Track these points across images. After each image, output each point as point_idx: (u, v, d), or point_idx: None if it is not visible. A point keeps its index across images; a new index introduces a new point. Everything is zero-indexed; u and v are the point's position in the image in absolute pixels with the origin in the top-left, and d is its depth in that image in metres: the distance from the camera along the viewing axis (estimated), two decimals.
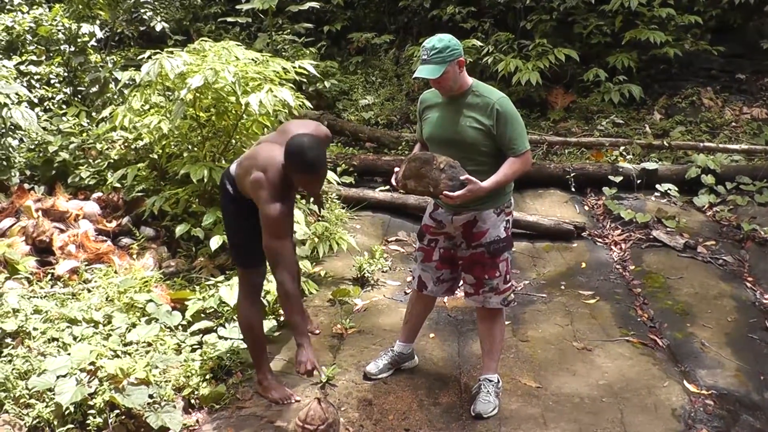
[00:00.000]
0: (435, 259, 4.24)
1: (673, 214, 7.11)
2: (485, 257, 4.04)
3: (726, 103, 9.64)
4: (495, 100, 3.85)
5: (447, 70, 3.77)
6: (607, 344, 4.96)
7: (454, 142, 3.92)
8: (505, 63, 9.48)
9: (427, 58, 3.78)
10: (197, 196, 6.07)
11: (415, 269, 4.43)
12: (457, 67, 3.82)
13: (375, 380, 4.44)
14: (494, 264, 4.05)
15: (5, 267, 5.32)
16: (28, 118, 6.38)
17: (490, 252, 4.02)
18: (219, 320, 4.96)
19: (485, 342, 4.28)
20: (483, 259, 4.05)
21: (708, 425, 4.02)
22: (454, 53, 3.78)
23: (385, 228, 7.13)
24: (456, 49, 3.80)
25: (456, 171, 3.76)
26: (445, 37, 3.81)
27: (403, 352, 4.57)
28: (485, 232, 4.01)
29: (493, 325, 4.22)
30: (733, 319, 5.31)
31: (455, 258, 4.22)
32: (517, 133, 3.85)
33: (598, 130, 9.17)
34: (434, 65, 3.76)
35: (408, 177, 3.89)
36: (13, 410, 3.86)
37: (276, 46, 10.16)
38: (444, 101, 3.99)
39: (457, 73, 3.84)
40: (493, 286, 4.08)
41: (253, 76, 5.62)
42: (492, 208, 4.00)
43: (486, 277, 4.07)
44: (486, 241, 4.01)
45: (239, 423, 4.01)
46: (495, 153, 3.91)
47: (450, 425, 4.03)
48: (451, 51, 3.77)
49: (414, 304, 4.53)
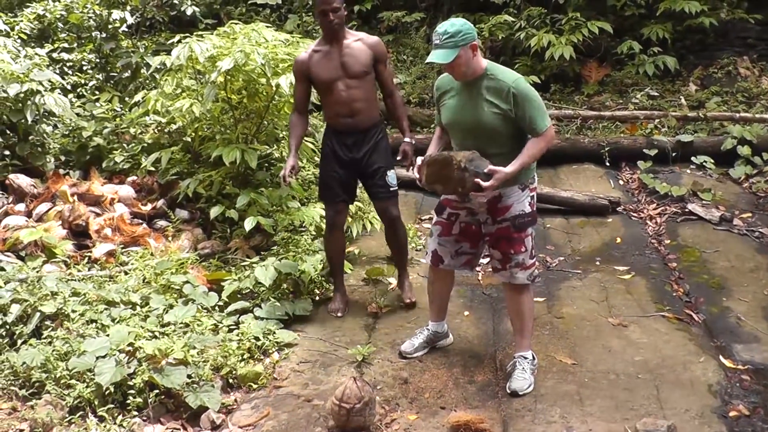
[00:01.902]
0: (455, 232, 4.22)
1: (708, 186, 7.02)
2: (511, 231, 4.01)
3: (763, 72, 9.42)
4: (510, 83, 3.78)
5: (459, 54, 3.70)
6: (643, 320, 4.92)
7: (474, 127, 3.89)
8: (538, 38, 9.36)
9: (440, 43, 3.71)
10: (231, 178, 6.11)
11: (430, 244, 4.39)
12: (471, 51, 3.75)
13: (410, 359, 4.47)
14: (520, 239, 4.02)
15: (43, 251, 5.41)
16: (62, 104, 6.46)
17: (516, 226, 3.99)
18: (255, 300, 5.01)
19: (515, 320, 4.26)
20: (509, 234, 4.01)
21: (744, 401, 3.97)
22: (467, 37, 3.71)
23: (418, 207, 7.13)
24: (469, 33, 3.72)
25: (477, 164, 3.75)
26: (458, 22, 3.74)
27: (438, 330, 4.57)
28: (510, 206, 3.99)
29: (521, 302, 4.18)
30: None
31: (477, 234, 4.20)
32: (536, 112, 3.80)
33: (632, 103, 9.03)
34: (446, 50, 3.70)
35: (433, 182, 3.91)
36: (55, 390, 3.93)
37: (306, 28, 10.14)
38: (459, 86, 3.94)
39: (470, 58, 3.77)
40: (518, 261, 4.04)
41: (283, 58, 5.62)
42: (516, 185, 3.97)
43: (512, 252, 4.02)
44: (511, 215, 3.99)
45: (277, 402, 4.05)
46: (516, 134, 3.89)
47: (486, 403, 4.03)
48: (463, 35, 3.70)
49: (433, 282, 4.53)
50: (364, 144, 4.89)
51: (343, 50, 4.72)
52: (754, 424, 3.76)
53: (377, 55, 4.78)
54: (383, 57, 4.85)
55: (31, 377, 4.04)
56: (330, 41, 4.74)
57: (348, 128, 4.85)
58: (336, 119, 4.87)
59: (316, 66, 4.76)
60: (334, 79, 4.72)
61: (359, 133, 4.87)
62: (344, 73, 4.72)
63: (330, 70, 4.69)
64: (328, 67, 4.71)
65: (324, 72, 4.72)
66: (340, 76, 4.72)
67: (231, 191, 6.01)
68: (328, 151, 4.99)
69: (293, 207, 5.98)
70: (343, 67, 4.70)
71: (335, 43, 4.73)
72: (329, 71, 4.69)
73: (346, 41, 4.75)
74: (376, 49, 4.78)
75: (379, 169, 4.94)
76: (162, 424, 3.87)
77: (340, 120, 4.84)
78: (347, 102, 4.75)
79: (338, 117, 4.84)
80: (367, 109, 4.83)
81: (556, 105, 9.25)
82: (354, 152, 4.89)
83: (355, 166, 4.95)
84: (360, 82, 4.75)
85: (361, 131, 4.87)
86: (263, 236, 5.85)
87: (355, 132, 4.86)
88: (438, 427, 3.80)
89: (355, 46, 4.76)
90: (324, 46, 4.77)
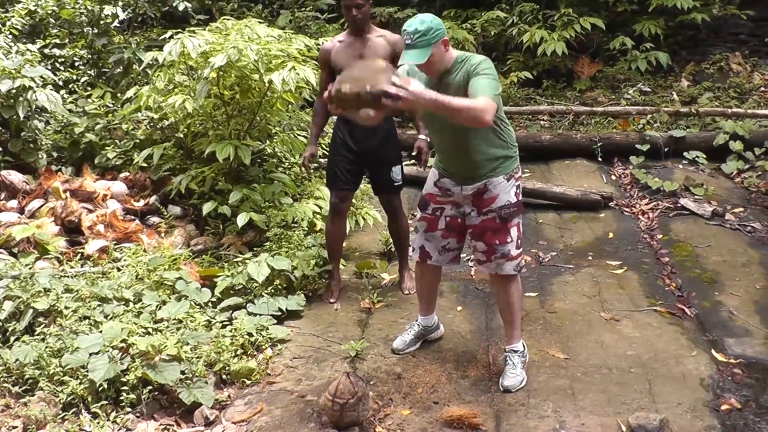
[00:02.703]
0: (440, 227, 4.19)
1: (701, 181, 7.04)
2: (496, 223, 3.96)
3: (755, 67, 9.49)
4: (476, 63, 3.69)
5: (433, 52, 3.65)
6: (635, 314, 4.94)
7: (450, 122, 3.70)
8: (530, 34, 9.39)
9: (411, 42, 3.64)
10: (223, 174, 6.10)
11: (416, 240, 4.35)
12: (442, 46, 3.71)
13: (403, 355, 4.48)
14: (506, 229, 3.97)
15: (35, 247, 5.40)
16: (54, 100, 6.45)
17: (502, 217, 3.95)
18: (248, 297, 5.00)
19: (505, 312, 4.23)
20: (494, 225, 3.97)
21: (736, 394, 3.99)
22: (438, 33, 3.66)
23: (411, 202, 7.13)
24: (439, 29, 3.68)
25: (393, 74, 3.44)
26: (427, 18, 3.68)
27: (428, 324, 4.59)
28: (495, 197, 3.94)
29: (509, 293, 4.14)
30: (761, 286, 5.25)
31: (462, 227, 4.16)
32: (484, 81, 3.61)
33: (624, 98, 9.08)
34: (419, 49, 3.63)
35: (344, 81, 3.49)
36: (48, 387, 3.92)
37: (299, 23, 10.12)
38: (433, 81, 3.82)
39: (443, 53, 3.73)
40: (504, 252, 3.99)
41: (276, 54, 5.62)
42: (502, 175, 3.94)
43: (497, 243, 3.98)
44: (497, 206, 3.95)
45: (270, 398, 4.05)
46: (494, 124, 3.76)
47: (479, 398, 4.04)
48: (435, 32, 3.64)
49: (421, 277, 4.51)
50: (373, 137, 5.02)
51: (365, 43, 4.90)
52: (746, 418, 3.78)
53: (397, 52, 4.77)
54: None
55: (24, 374, 4.03)
56: (354, 34, 4.93)
57: None
58: None
59: (337, 55, 4.92)
60: None
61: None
62: None
63: (349, 60, 4.74)
64: (348, 57, 4.81)
65: (343, 61, 4.80)
66: None
67: (224, 187, 6.00)
68: (338, 139, 5.13)
69: (286, 203, 5.98)
70: (361, 59, 4.73)
71: (359, 36, 4.91)
72: (348, 61, 4.72)
73: (369, 36, 4.93)
74: (397, 46, 4.80)
75: (387, 164, 5.14)
76: (155, 420, 3.87)
77: None
78: None
79: None
80: None
81: (548, 101, 9.29)
82: (363, 143, 5.04)
83: (363, 157, 5.11)
84: None
85: None
86: (256, 232, 5.85)
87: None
88: (431, 421, 3.81)
89: (377, 41, 4.93)
90: (348, 37, 4.96)
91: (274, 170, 6.39)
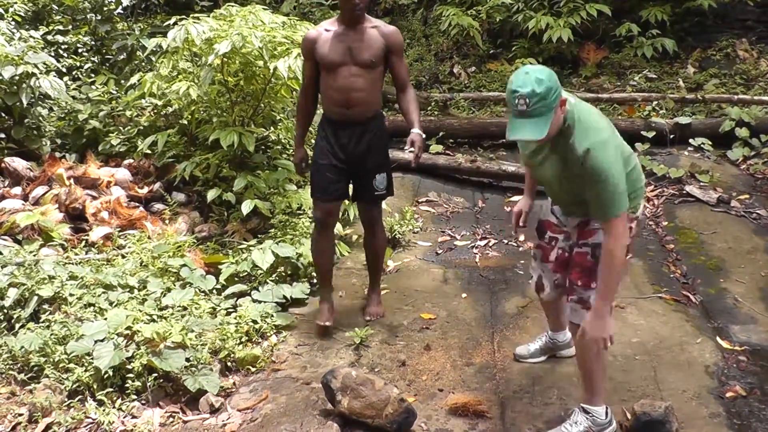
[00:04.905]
0: (551, 259, 3.74)
1: (706, 168, 7.02)
2: (587, 259, 3.39)
3: (761, 54, 9.42)
4: (581, 152, 3.03)
5: (552, 121, 2.92)
6: (640, 301, 4.93)
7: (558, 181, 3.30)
8: (536, 20, 9.33)
9: (528, 110, 2.86)
10: (228, 161, 6.09)
11: (535, 268, 3.89)
12: (560, 108, 2.98)
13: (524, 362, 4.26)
14: (594, 272, 3.31)
15: (40, 234, 5.40)
16: (57, 87, 6.43)
17: (595, 255, 3.33)
18: (252, 284, 5.01)
19: (579, 367, 3.60)
20: (583, 261, 3.41)
21: (741, 381, 3.99)
22: (558, 94, 2.91)
23: (415, 189, 7.12)
24: (558, 88, 2.91)
25: None
26: (543, 75, 2.88)
27: (557, 339, 4.25)
28: (596, 231, 3.34)
29: (580, 344, 3.45)
30: (767, 273, 5.25)
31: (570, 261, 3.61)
32: (602, 201, 3.06)
33: (630, 85, 9.03)
34: (538, 118, 2.87)
35: None
36: (53, 375, 3.93)
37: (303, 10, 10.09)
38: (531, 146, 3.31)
39: (560, 117, 3.01)
40: (584, 297, 3.40)
41: (281, 41, 5.59)
42: None
43: (579, 284, 3.41)
44: (593, 242, 3.35)
45: (275, 385, 4.06)
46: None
47: (483, 385, 4.04)
48: (555, 93, 2.88)
49: (541, 304, 4.14)
50: (358, 142, 4.50)
51: (355, 35, 4.33)
52: (751, 405, 3.78)
53: (391, 45, 4.38)
54: (398, 48, 4.44)
55: (29, 361, 4.04)
56: (347, 24, 4.34)
57: (341, 119, 4.46)
58: (330, 107, 4.50)
59: (323, 45, 4.36)
60: (337, 62, 4.35)
61: (353, 126, 4.48)
62: (350, 59, 4.34)
63: (336, 53, 4.34)
64: (336, 49, 4.32)
65: (329, 53, 4.34)
66: (345, 62, 4.34)
67: (228, 174, 5.99)
68: (323, 142, 4.58)
69: (290, 190, 5.97)
70: (350, 51, 4.32)
71: (350, 26, 4.33)
72: (335, 53, 4.33)
73: (362, 26, 4.36)
74: (391, 39, 4.38)
75: (372, 170, 4.58)
76: (161, 408, 3.87)
77: (333, 109, 4.46)
78: (345, 90, 4.35)
79: (332, 105, 4.45)
80: (365, 103, 4.41)
81: None
82: (348, 147, 4.50)
83: (348, 162, 4.55)
84: (365, 71, 4.35)
85: (354, 124, 4.47)
86: (260, 219, 5.85)
87: (349, 125, 4.47)
88: (436, 409, 3.81)
89: (370, 33, 4.36)
90: (338, 26, 4.37)
91: (279, 157, 6.39)
